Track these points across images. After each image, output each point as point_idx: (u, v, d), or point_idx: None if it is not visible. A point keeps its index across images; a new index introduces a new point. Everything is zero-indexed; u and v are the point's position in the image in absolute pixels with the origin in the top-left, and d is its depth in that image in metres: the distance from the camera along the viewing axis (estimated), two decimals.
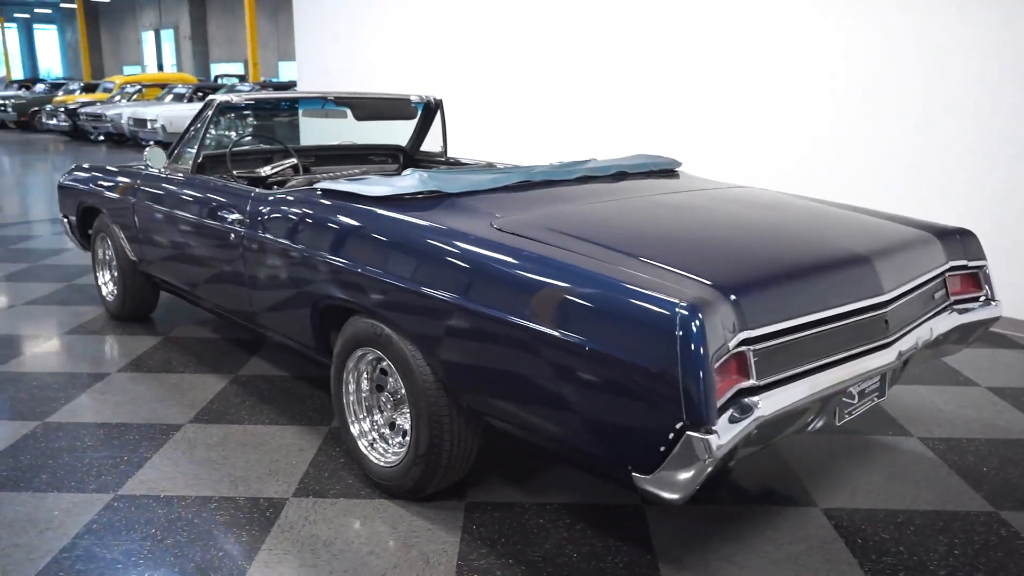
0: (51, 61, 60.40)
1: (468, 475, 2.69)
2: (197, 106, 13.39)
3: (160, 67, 45.53)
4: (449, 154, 4.68)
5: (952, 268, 2.61)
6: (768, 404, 1.83)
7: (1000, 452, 2.94)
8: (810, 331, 1.99)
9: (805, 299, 1.99)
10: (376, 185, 2.63)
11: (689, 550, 2.30)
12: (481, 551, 2.28)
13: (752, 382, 1.83)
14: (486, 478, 2.69)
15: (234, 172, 3.72)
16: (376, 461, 2.57)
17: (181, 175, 3.59)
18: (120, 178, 4.02)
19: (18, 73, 57.27)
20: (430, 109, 4.46)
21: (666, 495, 1.77)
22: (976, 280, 2.70)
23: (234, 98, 3.62)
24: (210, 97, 3.60)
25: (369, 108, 4.09)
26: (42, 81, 24.47)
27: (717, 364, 1.73)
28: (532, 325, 1.95)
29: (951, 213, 4.39)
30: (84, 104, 16.81)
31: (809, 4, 4.99)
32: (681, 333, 1.70)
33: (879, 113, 4.79)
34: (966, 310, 2.61)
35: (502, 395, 2.10)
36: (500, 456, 2.83)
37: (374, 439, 2.62)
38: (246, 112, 3.86)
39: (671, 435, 1.72)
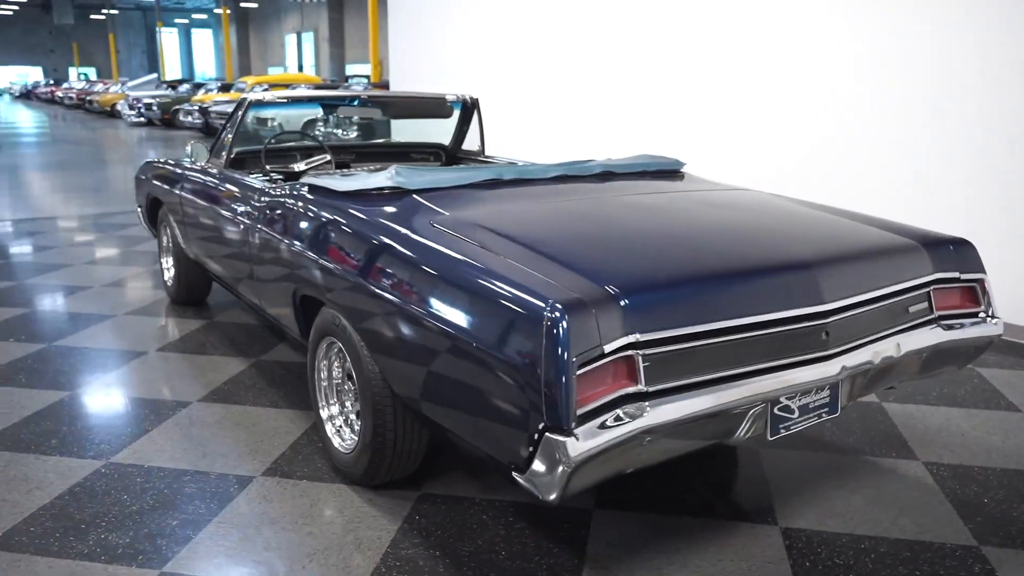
0: (207, 63, 64.89)
1: (432, 467, 2.73)
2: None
3: (300, 68, 47.98)
4: (496, 152, 4.74)
5: (940, 280, 2.43)
6: (659, 413, 1.78)
7: (1012, 484, 2.70)
8: (719, 338, 1.91)
9: (714, 305, 1.91)
10: (351, 180, 2.72)
11: (620, 558, 2.25)
12: (414, 541, 2.32)
13: (640, 388, 1.79)
14: (449, 471, 2.72)
15: (268, 167, 3.92)
16: (338, 447, 2.66)
17: (214, 170, 3.82)
18: (174, 171, 4.31)
19: (177, 73, 61.82)
20: (467, 108, 4.53)
21: (540, 495, 1.75)
22: (973, 295, 2.49)
23: (264, 97, 3.81)
24: (242, 96, 3.81)
25: (402, 107, 4.21)
26: (187, 81, 26.38)
27: (590, 367, 1.70)
28: (434, 320, 1.98)
29: (958, 214, 4.36)
30: (217, 103, 17.98)
31: (824, 4, 4.86)
32: (546, 333, 1.68)
33: (889, 114, 4.65)
34: (955, 326, 2.41)
35: (419, 388, 2.14)
36: None
37: (340, 425, 2.71)
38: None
39: (536, 436, 1.70)
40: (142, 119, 22.19)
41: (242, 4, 49.69)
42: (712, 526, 2.42)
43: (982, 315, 2.48)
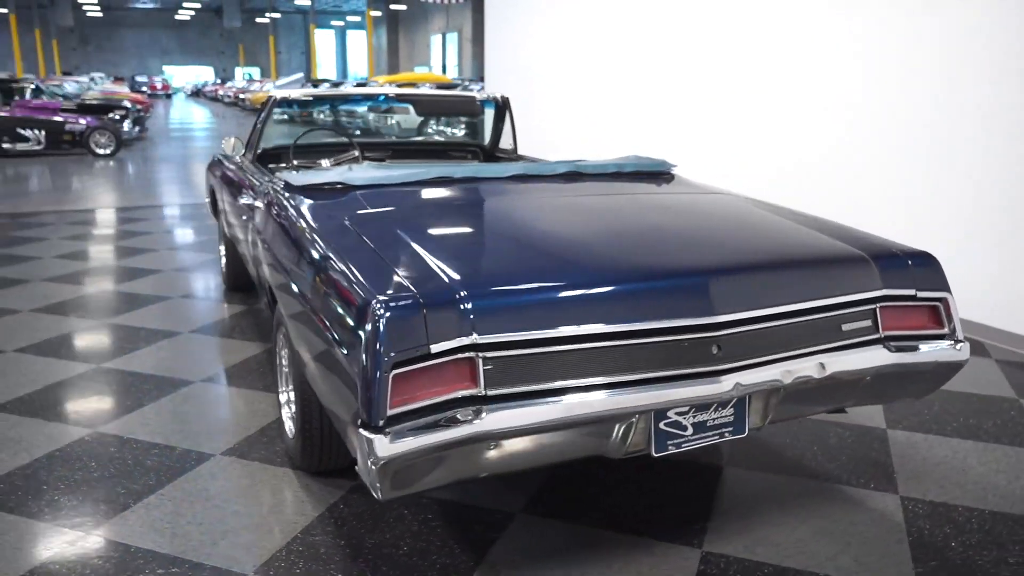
0: (361, 63, 67.91)
1: None
2: None
3: (444, 68, 49.36)
4: (541, 152, 4.73)
5: (891, 297, 2.22)
6: (497, 419, 1.74)
7: (992, 529, 2.43)
8: (576, 345, 1.84)
9: (572, 311, 1.84)
10: (309, 175, 2.80)
11: (517, 565, 2.21)
12: (327, 528, 2.37)
13: (477, 391, 1.75)
14: None
15: (295, 162, 4.09)
16: (287, 432, 2.76)
17: (242, 164, 4.03)
18: (221, 165, 4.58)
19: (332, 73, 65.08)
20: (499, 107, 4.54)
21: (372, 492, 1.76)
22: (935, 315, 2.26)
23: (291, 94, 3.98)
24: (270, 94, 4.00)
25: (431, 105, 4.28)
26: (328, 80, 27.77)
27: (414, 366, 1.69)
28: (312, 311, 2.04)
29: (961, 216, 4.29)
30: None
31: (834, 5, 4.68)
32: (368, 329, 1.68)
33: (891, 114, 4.58)
34: (906, 349, 2.20)
35: (311, 376, 2.19)
36: None
37: (292, 412, 2.81)
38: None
39: (358, 432, 1.71)
40: (285, 117, 23.45)
41: (392, 6, 51.67)
42: (631, 542, 2.33)
43: (944, 337, 2.25)
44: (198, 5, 53.96)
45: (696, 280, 1.95)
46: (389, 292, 1.75)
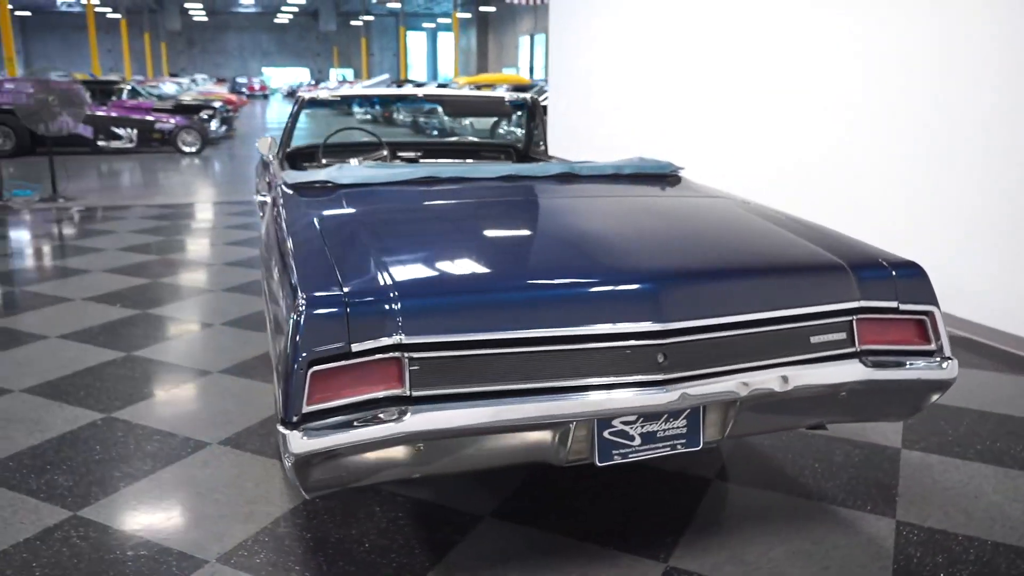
0: (450, 64, 68.80)
1: None
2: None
3: (531, 69, 49.52)
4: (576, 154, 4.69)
5: (869, 309, 2.09)
6: (420, 420, 1.73)
7: (989, 561, 2.27)
8: (509, 349, 1.80)
9: (506, 314, 1.80)
10: (305, 175, 2.85)
11: (473, 570, 2.19)
12: (296, 522, 2.41)
13: (403, 391, 1.74)
14: None
15: (323, 161, 4.18)
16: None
17: (273, 162, 4.14)
18: (260, 164, 4.73)
19: (422, 75, 66.21)
20: (530, 109, 4.51)
21: (299, 488, 1.78)
22: (921, 330, 2.13)
23: (319, 95, 4.07)
24: (298, 94, 4.10)
25: (460, 106, 4.31)
26: (411, 82, 28.26)
27: (333, 364, 1.69)
28: (268, 308, 2.08)
29: (962, 215, 4.28)
30: None
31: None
32: (290, 326, 1.70)
33: (891, 114, 4.45)
34: (885, 364, 2.08)
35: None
36: None
37: None
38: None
39: (277, 427, 1.72)
40: (368, 116, 24.01)
41: (481, 8, 52.15)
42: (594, 553, 2.28)
43: (929, 355, 2.11)
44: (296, 9, 55.81)
45: (642, 286, 1.89)
46: (315, 290, 1.77)
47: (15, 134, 12.33)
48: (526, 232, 2.24)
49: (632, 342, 1.86)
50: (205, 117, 15.34)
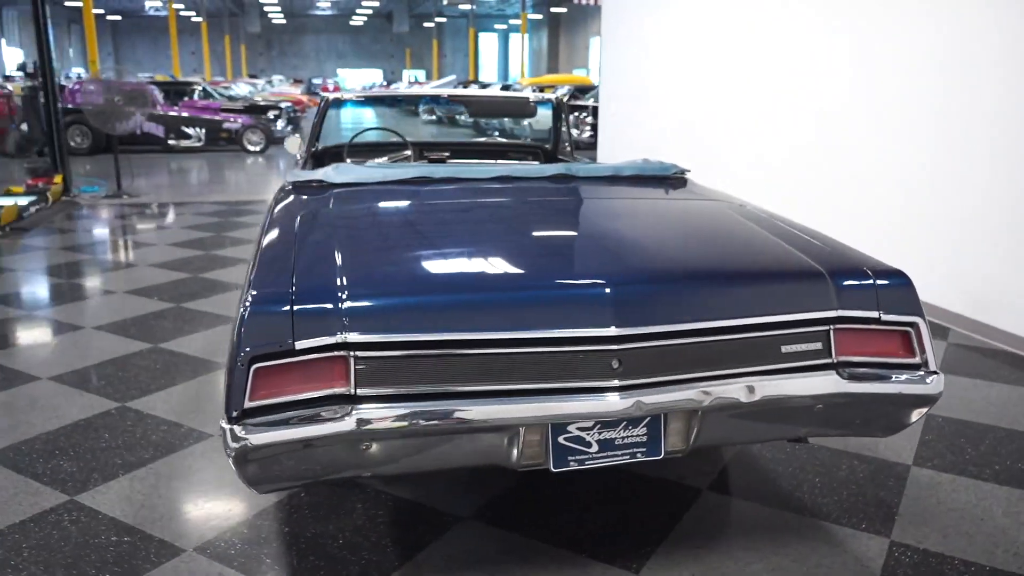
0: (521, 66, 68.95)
1: None
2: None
3: (601, 70, 49.34)
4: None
5: (848, 319, 2.00)
6: (364, 419, 1.73)
7: None
8: (458, 350, 1.79)
9: (458, 316, 1.79)
10: (303, 174, 2.91)
11: (440, 570, 2.19)
12: (278, 515, 2.45)
13: (348, 390, 1.75)
14: None
15: (348, 160, 4.23)
16: None
17: (299, 160, 4.22)
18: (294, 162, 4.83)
19: (494, 76, 66.56)
20: (556, 109, 4.48)
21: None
22: (905, 342, 2.03)
23: (344, 95, 4.13)
24: (323, 95, 4.16)
25: (484, 106, 4.31)
26: (475, 83, 28.46)
27: (276, 362, 1.71)
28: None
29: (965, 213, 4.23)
30: None
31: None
32: (236, 322, 1.72)
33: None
34: (864, 377, 1.99)
35: None
36: None
37: None
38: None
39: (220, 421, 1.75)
40: (433, 117, 24.27)
41: (553, 9, 52.14)
42: (566, 559, 2.24)
43: (913, 368, 2.01)
44: (370, 11, 56.85)
45: (596, 290, 1.85)
46: (262, 287, 1.79)
47: (92, 133, 12.89)
48: (494, 233, 2.23)
49: (584, 347, 1.83)
50: (271, 117, 15.75)
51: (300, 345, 1.73)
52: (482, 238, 2.21)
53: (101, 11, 48.85)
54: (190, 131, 13.86)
